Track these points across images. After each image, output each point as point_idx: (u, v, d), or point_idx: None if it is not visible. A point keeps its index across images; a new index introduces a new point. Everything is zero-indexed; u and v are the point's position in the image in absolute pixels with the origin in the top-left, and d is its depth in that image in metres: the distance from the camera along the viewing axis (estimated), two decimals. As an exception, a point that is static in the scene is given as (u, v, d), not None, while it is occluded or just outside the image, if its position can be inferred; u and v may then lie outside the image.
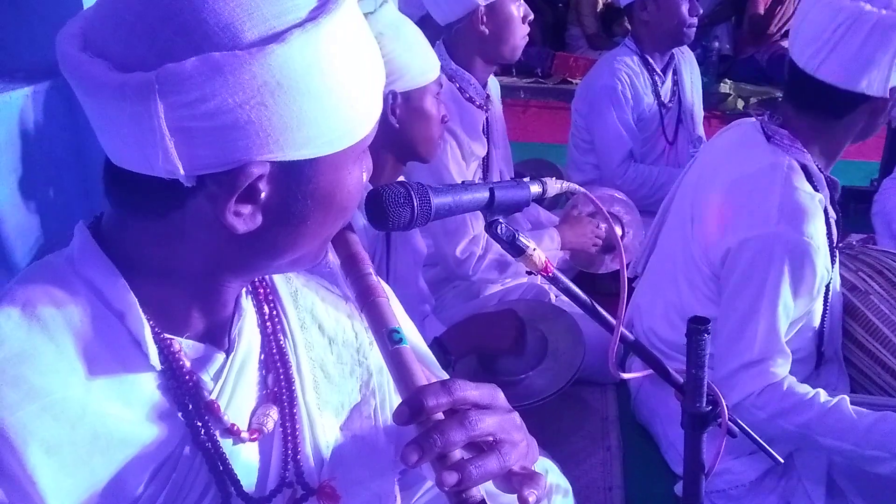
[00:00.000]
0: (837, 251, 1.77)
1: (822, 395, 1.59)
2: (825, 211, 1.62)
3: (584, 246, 2.57)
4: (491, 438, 0.70)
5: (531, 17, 2.28)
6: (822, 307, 1.68)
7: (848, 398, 1.60)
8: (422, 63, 1.59)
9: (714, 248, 1.69)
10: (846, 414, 1.56)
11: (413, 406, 0.69)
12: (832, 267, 1.66)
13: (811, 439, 1.59)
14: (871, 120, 1.62)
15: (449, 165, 2.11)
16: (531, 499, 0.69)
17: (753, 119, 1.75)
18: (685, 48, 3.13)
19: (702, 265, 1.75)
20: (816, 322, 1.71)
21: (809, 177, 1.62)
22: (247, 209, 0.69)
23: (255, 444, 0.82)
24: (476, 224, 2.11)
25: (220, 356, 0.80)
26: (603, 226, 2.57)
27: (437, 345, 1.81)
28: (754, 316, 1.59)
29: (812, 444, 1.62)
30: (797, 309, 1.61)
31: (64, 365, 0.70)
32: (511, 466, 0.71)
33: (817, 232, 1.57)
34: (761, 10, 5.71)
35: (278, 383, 0.84)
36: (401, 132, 1.59)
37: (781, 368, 1.60)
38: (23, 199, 1.52)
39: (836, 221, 1.68)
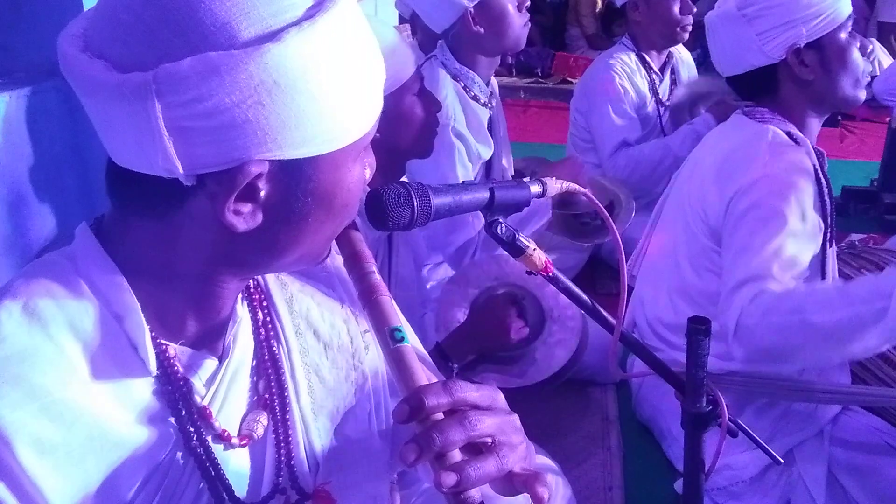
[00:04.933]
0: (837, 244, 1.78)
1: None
2: (816, 174, 1.64)
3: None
4: (490, 440, 0.70)
5: (527, 2, 2.20)
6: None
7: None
8: (393, 64, 1.41)
9: (713, 208, 1.70)
10: (831, 285, 1.58)
11: (413, 404, 0.69)
12: (828, 236, 1.66)
13: (807, 325, 1.48)
14: (804, 81, 1.68)
15: (456, 169, 2.09)
16: (545, 495, 0.69)
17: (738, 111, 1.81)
18: (681, 48, 3.15)
19: (701, 236, 1.74)
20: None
21: (795, 143, 1.67)
22: (247, 208, 0.69)
23: (246, 449, 0.82)
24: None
25: (213, 362, 0.80)
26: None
27: (437, 352, 1.79)
28: (754, 239, 1.58)
29: (810, 334, 1.50)
30: (809, 228, 1.59)
31: (64, 365, 0.70)
32: (509, 468, 0.71)
33: (805, 181, 1.60)
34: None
35: (269, 390, 0.84)
36: (382, 140, 1.51)
37: (776, 285, 1.53)
38: (23, 199, 1.52)
39: (828, 190, 1.68)
